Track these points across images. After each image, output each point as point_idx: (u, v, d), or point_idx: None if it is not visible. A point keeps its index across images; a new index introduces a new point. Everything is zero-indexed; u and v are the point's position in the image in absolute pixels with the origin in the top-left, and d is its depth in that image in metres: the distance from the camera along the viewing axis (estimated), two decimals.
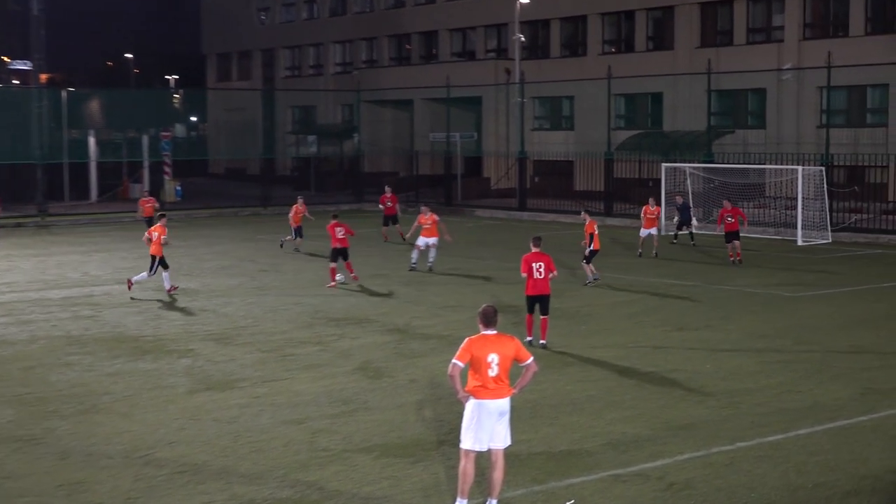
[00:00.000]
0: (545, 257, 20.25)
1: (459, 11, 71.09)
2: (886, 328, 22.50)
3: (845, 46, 50.62)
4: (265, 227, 47.52)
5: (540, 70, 64.31)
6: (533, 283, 20.23)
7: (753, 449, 13.91)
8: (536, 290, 20.25)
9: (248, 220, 53.14)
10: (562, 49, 65.88)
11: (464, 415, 11.67)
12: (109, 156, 65.71)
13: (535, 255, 20.26)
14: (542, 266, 20.15)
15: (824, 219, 41.17)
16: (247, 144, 73.55)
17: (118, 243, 41.25)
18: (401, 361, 19.42)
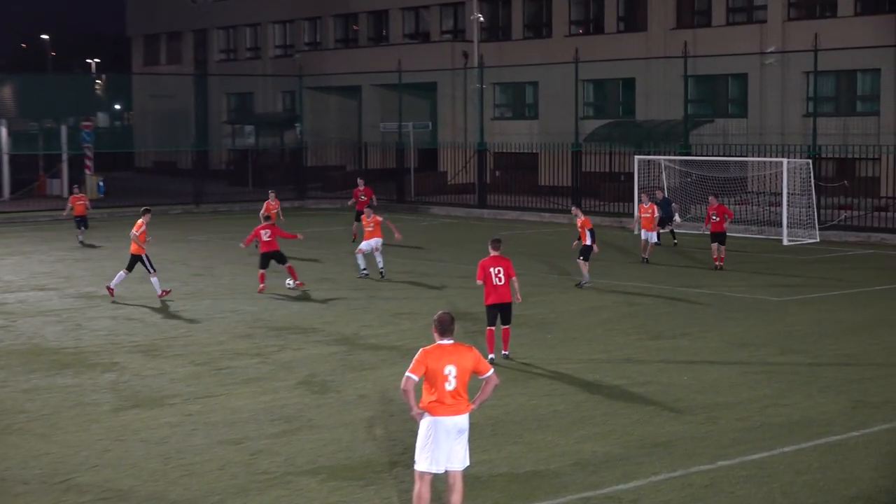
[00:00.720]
0: (504, 261, 19.92)
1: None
2: (879, 336, 22.75)
3: (833, 28, 51.10)
4: (198, 227, 47.32)
5: (501, 53, 64.44)
6: (492, 291, 19.88)
7: (735, 468, 14.02)
8: (497, 298, 19.89)
9: (180, 219, 52.87)
10: (525, 30, 66.06)
11: (418, 433, 11.68)
12: (24, 148, 65.23)
13: (493, 259, 19.90)
14: (502, 271, 19.77)
15: (811, 216, 41.54)
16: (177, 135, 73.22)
17: (35, 245, 40.93)
18: (349, 375, 19.40)
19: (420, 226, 44.65)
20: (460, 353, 11.62)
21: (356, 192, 41.56)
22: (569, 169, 52.78)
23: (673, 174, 46.04)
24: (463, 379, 11.56)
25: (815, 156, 43.88)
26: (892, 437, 15.35)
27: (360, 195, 41.08)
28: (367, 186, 41.90)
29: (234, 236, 43.07)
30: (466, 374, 11.59)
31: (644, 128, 56.49)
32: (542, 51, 62.99)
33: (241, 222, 49.34)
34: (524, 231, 44.88)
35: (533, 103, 65.12)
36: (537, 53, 62.96)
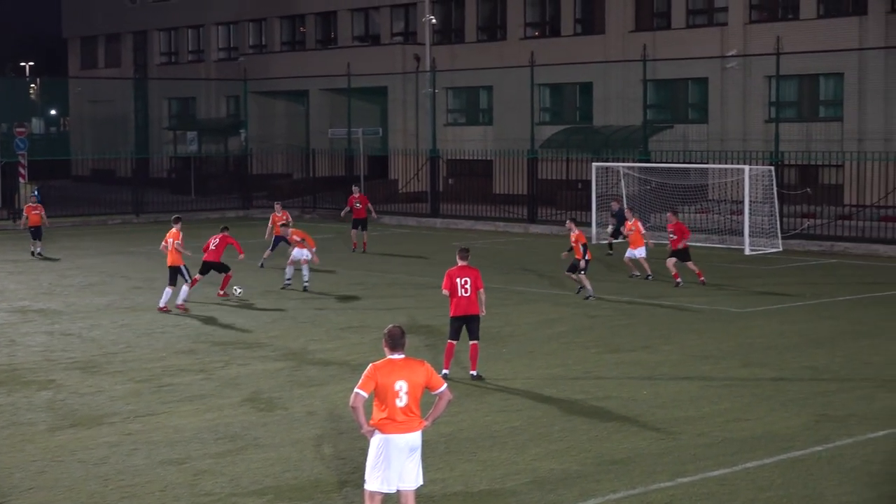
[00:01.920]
0: (472, 272, 19.79)
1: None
2: (843, 347, 22.98)
3: (796, 31, 51.55)
4: (139, 238, 47.03)
5: (453, 57, 64.57)
6: (457, 303, 19.71)
7: (696, 485, 14.12)
8: (462, 310, 19.69)
9: (119, 229, 52.56)
10: (478, 33, 66.20)
11: (369, 451, 11.69)
12: None
13: (459, 269, 19.75)
14: (468, 282, 19.61)
15: (774, 225, 41.87)
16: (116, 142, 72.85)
17: None
18: (296, 391, 19.37)
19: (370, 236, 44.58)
20: (411, 369, 11.64)
21: (351, 200, 41.87)
22: (524, 176, 52.88)
23: (632, 182, 46.28)
24: (415, 395, 11.58)
25: (777, 162, 44.25)
26: (856, 451, 15.51)
27: (356, 203, 41.47)
28: (361, 193, 42.17)
29: None
30: (418, 389, 11.62)
31: (602, 134, 56.74)
32: (497, 54, 63.13)
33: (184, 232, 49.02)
34: (478, 241, 44.93)
35: (487, 108, 65.25)
36: (491, 57, 63.09)
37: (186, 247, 28.72)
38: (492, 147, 59.33)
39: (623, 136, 54.81)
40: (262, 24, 78.29)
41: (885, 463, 14.97)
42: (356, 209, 41.28)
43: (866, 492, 13.84)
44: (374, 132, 64.51)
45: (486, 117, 65.15)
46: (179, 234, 28.42)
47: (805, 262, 38.35)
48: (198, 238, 35.17)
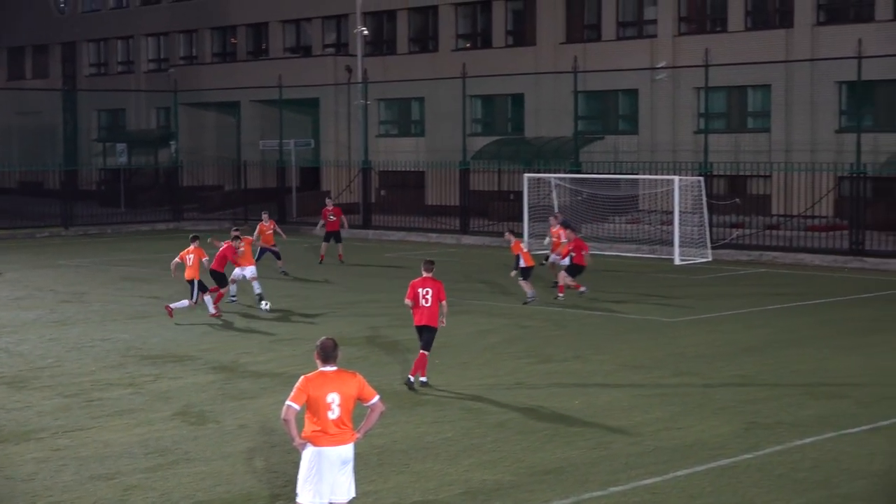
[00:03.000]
0: (435, 283, 20.22)
1: (293, 1, 70.90)
2: (772, 356, 23.22)
3: (724, 43, 52.10)
4: (68, 251, 46.58)
5: (385, 68, 64.59)
6: (419, 312, 20.21)
7: (628, 494, 14.20)
8: (423, 319, 20.22)
9: (47, 242, 52.01)
10: (410, 44, 66.29)
11: (301, 464, 11.65)
12: None
13: (423, 280, 20.26)
14: (430, 293, 20.10)
15: (703, 235, 42.25)
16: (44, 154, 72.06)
17: None
18: (228, 404, 19.27)
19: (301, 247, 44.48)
20: (344, 380, 11.62)
21: (325, 212, 41.71)
22: (456, 187, 52.99)
23: (563, 192, 46.49)
24: (347, 407, 11.56)
25: (706, 173, 44.66)
26: (784, 458, 15.67)
27: (330, 215, 41.32)
28: (335, 206, 41.99)
29: (105, 260, 42.59)
30: (350, 401, 11.60)
31: (533, 145, 56.98)
32: (429, 65, 63.23)
33: (113, 245, 48.79)
34: (410, 252, 44.95)
35: (419, 120, 65.32)
36: (423, 68, 63.17)
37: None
38: (424, 158, 59.41)
39: (554, 147, 55.07)
40: (193, 35, 77.89)
41: (813, 470, 15.15)
42: (330, 222, 41.19)
43: (794, 498, 13.99)
44: (306, 144, 64.36)
45: (419, 129, 65.21)
46: (203, 252, 28.68)
47: (734, 271, 38.73)
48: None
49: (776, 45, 51.66)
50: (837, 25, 50.32)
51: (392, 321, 27.78)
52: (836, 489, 14.34)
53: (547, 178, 46.61)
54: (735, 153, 51.09)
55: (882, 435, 16.92)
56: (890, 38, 47.69)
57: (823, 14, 51.51)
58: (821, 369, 21.87)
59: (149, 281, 36.34)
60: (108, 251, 46.18)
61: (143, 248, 47.70)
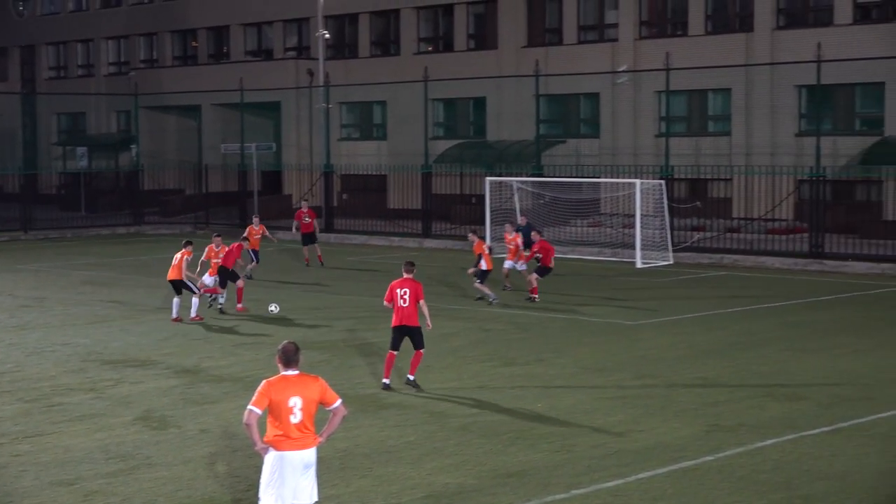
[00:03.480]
0: (412, 284, 20.32)
1: (254, 4, 70.73)
2: (733, 358, 23.33)
3: (684, 47, 52.35)
4: (28, 256, 46.25)
5: (347, 71, 64.51)
6: (398, 313, 20.29)
7: (590, 497, 14.23)
8: (401, 320, 20.29)
9: (6, 247, 51.59)
10: (372, 48, 66.26)
11: (263, 469, 11.62)
12: None
13: (401, 281, 20.37)
14: (407, 293, 20.18)
15: (665, 238, 42.41)
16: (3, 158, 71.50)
17: None
18: (189, 409, 19.18)
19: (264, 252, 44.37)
20: (305, 384, 11.60)
21: (299, 214, 41.75)
22: (418, 191, 52.98)
23: (525, 196, 46.55)
24: (309, 411, 11.54)
25: (667, 176, 44.81)
26: (746, 460, 15.75)
27: (305, 217, 41.32)
28: (310, 209, 42.03)
29: (65, 264, 42.33)
30: (312, 405, 11.58)
31: (495, 148, 57.05)
32: (391, 69, 63.23)
33: (73, 249, 48.49)
34: (372, 256, 44.93)
35: (381, 123, 65.29)
36: (385, 72, 63.17)
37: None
38: (386, 162, 59.37)
39: (516, 150, 55.15)
40: (153, 38, 77.60)
41: (774, 471, 15.23)
42: (304, 223, 41.22)
43: (756, 500, 14.06)
44: (268, 147, 64.10)
45: (380, 132, 65.19)
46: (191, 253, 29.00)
47: (695, 274, 38.90)
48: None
49: (736, 48, 51.97)
50: (797, 30, 50.67)
51: (355, 325, 27.76)
52: (798, 490, 14.42)
53: (509, 182, 46.67)
54: (696, 156, 51.32)
55: (842, 436, 17.04)
56: (849, 42, 48.09)
57: (783, 18, 51.85)
58: (781, 371, 22.00)
59: (109, 285, 36.15)
60: (69, 255, 45.89)
61: (104, 252, 47.43)
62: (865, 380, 21.12)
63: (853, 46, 47.74)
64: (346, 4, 65.03)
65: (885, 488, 14.50)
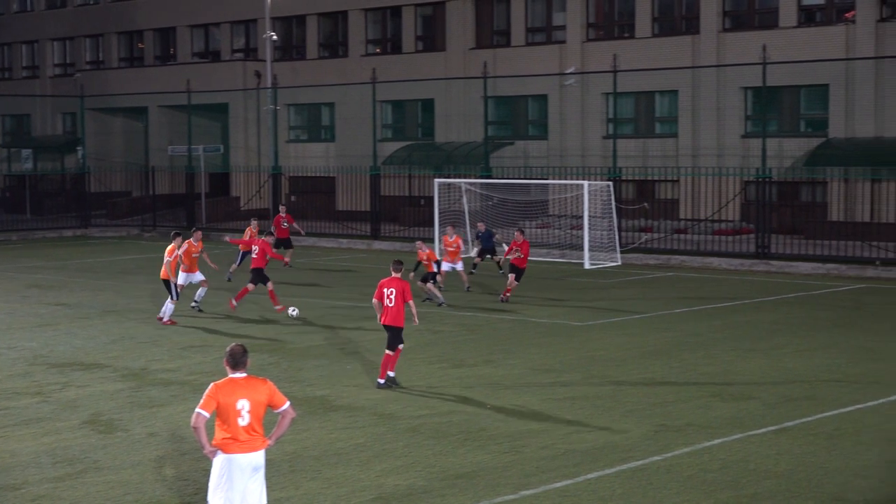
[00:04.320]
0: (399, 283, 20.64)
1: (201, 5, 70.45)
2: (680, 358, 23.48)
3: (631, 49, 52.65)
4: None
5: (295, 73, 64.35)
6: (385, 312, 20.67)
7: (539, 497, 14.27)
8: (387, 319, 20.67)
9: None
10: (320, 49, 66.13)
11: (211, 472, 11.58)
12: None
13: (389, 280, 20.74)
14: (394, 293, 20.51)
15: (613, 239, 42.61)
16: None
17: None
18: (137, 412, 19.07)
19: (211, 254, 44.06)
20: (253, 387, 11.58)
21: (278, 220, 41.82)
22: (367, 193, 52.98)
23: (474, 197, 46.62)
24: (257, 413, 11.51)
25: (615, 178, 45.03)
26: (693, 460, 15.85)
27: (283, 222, 41.36)
28: (288, 213, 42.09)
29: (11, 267, 41.95)
30: (261, 408, 11.55)
31: (444, 150, 57.09)
32: (339, 71, 63.18)
33: (19, 252, 48.06)
34: (321, 258, 44.83)
35: (329, 125, 65.17)
36: (333, 73, 63.11)
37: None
38: (334, 164, 59.29)
39: (465, 152, 55.22)
40: (99, 39, 77.05)
41: (721, 471, 15.34)
42: (281, 229, 41.30)
43: (703, 499, 14.16)
44: (215, 149, 63.87)
45: (329, 134, 65.07)
46: (175, 250, 28.87)
47: (643, 275, 39.10)
48: None
49: (683, 50, 52.31)
50: (742, 32, 51.06)
51: (304, 327, 27.69)
52: (744, 489, 14.53)
53: (457, 184, 46.75)
54: (643, 158, 51.61)
55: (788, 435, 17.19)
56: (793, 44, 48.54)
57: (729, 21, 52.21)
58: (728, 371, 22.16)
59: (56, 288, 35.86)
60: (14, 258, 45.47)
61: (50, 255, 47.05)
62: (810, 379, 21.32)
63: (798, 48, 48.20)
64: (293, 6, 64.88)
65: (830, 487, 14.64)
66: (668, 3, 54.23)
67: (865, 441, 16.83)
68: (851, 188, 46.63)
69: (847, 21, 48.67)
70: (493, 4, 59.54)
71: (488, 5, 59.67)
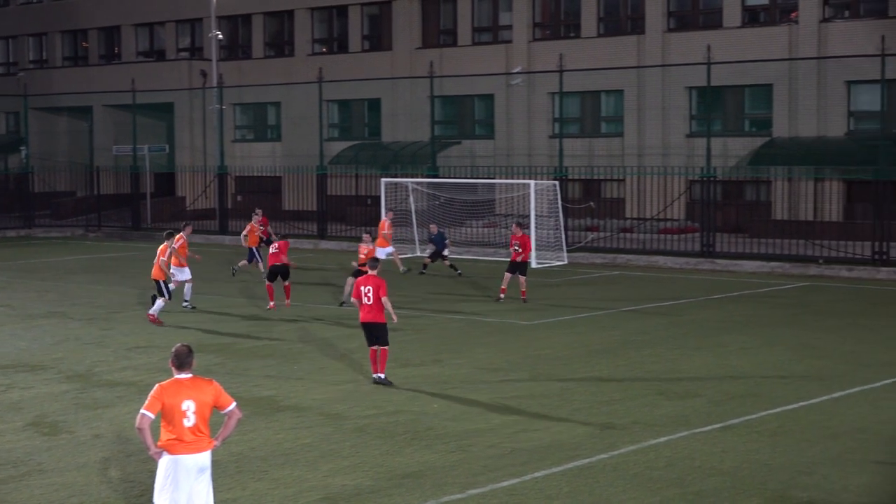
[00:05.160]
0: (376, 281, 20.80)
1: (145, 4, 70.00)
2: (626, 357, 23.59)
3: (578, 49, 52.87)
4: None
5: (241, 73, 64.12)
6: (363, 310, 20.82)
7: (487, 496, 14.29)
8: (365, 316, 20.82)
9: None
10: (266, 48, 65.92)
11: (157, 473, 11.51)
12: None
13: (366, 277, 20.92)
14: (371, 290, 20.68)
15: (559, 238, 42.75)
16: None
17: None
18: (82, 414, 18.92)
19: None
20: (199, 388, 11.52)
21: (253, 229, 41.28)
22: (314, 192, 52.88)
23: (421, 197, 46.65)
24: (203, 414, 11.46)
25: (561, 177, 45.18)
26: (639, 458, 15.93)
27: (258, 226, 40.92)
28: (264, 216, 41.80)
29: None
30: (206, 409, 11.50)
31: (391, 150, 57.09)
32: (285, 70, 63.03)
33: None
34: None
35: (276, 125, 65.00)
36: (279, 73, 62.95)
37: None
38: (281, 163, 59.12)
39: (411, 151, 55.24)
40: (43, 38, 76.38)
41: (667, 468, 15.42)
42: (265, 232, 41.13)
43: (649, 497, 14.23)
44: (161, 149, 63.56)
45: (275, 133, 64.90)
46: (167, 250, 28.82)
47: (589, 274, 39.25)
48: None
49: (628, 50, 52.59)
50: (687, 32, 51.42)
51: (249, 327, 27.61)
52: (690, 487, 14.62)
53: (404, 183, 46.76)
54: (589, 157, 51.83)
55: (733, 433, 17.31)
56: (737, 44, 48.91)
57: (673, 21, 52.56)
58: (674, 369, 22.29)
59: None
60: None
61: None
62: (755, 377, 21.48)
63: (742, 49, 48.59)
64: (239, 5, 64.65)
65: (774, 483, 14.76)
66: (614, 3, 54.51)
67: (809, 438, 16.98)
68: (795, 187, 47.05)
69: (790, 21, 49.14)
70: (440, 4, 59.61)
71: (434, 5, 59.73)
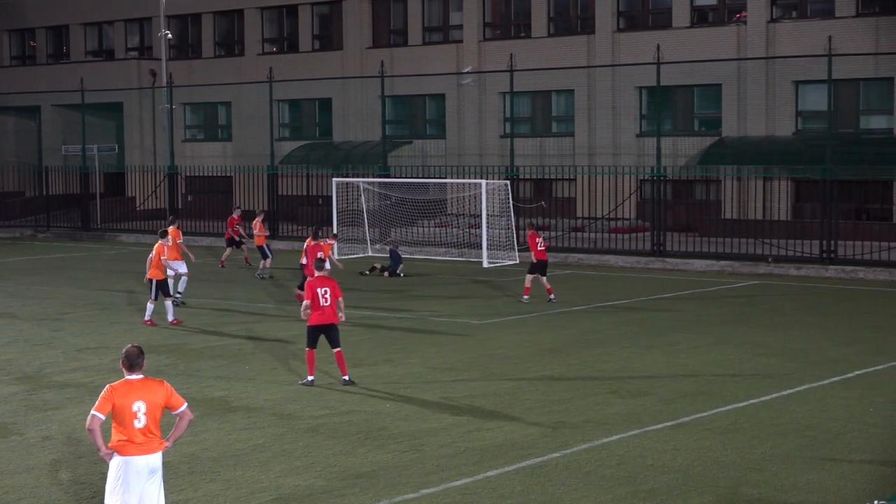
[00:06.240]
0: (331, 282, 20.66)
1: (94, 3, 69.46)
2: (577, 356, 23.66)
3: (528, 48, 53.00)
4: None
5: (191, 72, 63.80)
6: (320, 312, 20.48)
7: (440, 496, 14.30)
8: (322, 318, 20.51)
9: None
10: (216, 48, 65.63)
11: (108, 475, 11.44)
12: None
13: (319, 279, 20.65)
14: (328, 291, 20.47)
15: (511, 237, 42.84)
16: None
17: None
18: (32, 415, 18.77)
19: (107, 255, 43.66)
20: (150, 389, 11.46)
21: (231, 221, 41.90)
22: (265, 192, 52.72)
23: (372, 197, 46.59)
24: (154, 415, 11.40)
25: (512, 177, 45.28)
26: (592, 456, 15.98)
27: (236, 224, 41.20)
28: (240, 216, 42.03)
29: None
30: (157, 409, 11.44)
31: (342, 149, 57.00)
32: (235, 70, 62.80)
33: None
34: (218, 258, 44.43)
35: (226, 124, 64.72)
36: (230, 72, 62.72)
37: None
38: (232, 163, 58.86)
39: (363, 151, 55.18)
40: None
41: (619, 467, 15.48)
42: (236, 230, 41.15)
43: (601, 495, 14.28)
44: (110, 149, 63.10)
45: (226, 133, 64.63)
46: (164, 249, 28.51)
47: None
48: None
49: (578, 50, 52.77)
50: (636, 32, 51.65)
51: (202, 328, 27.47)
52: (642, 485, 14.68)
53: (355, 183, 46.69)
54: (540, 157, 51.97)
55: (684, 430, 17.40)
56: (687, 44, 49.19)
57: (623, 21, 52.77)
58: (625, 368, 22.38)
59: None
60: None
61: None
62: (706, 375, 21.61)
63: (691, 49, 48.88)
64: (188, 4, 64.32)
65: (725, 480, 14.85)
66: (564, 3, 54.68)
67: (759, 435, 17.10)
68: (744, 186, 47.35)
69: (739, 21, 49.47)
70: (390, 3, 59.55)
71: (385, 4, 59.67)
